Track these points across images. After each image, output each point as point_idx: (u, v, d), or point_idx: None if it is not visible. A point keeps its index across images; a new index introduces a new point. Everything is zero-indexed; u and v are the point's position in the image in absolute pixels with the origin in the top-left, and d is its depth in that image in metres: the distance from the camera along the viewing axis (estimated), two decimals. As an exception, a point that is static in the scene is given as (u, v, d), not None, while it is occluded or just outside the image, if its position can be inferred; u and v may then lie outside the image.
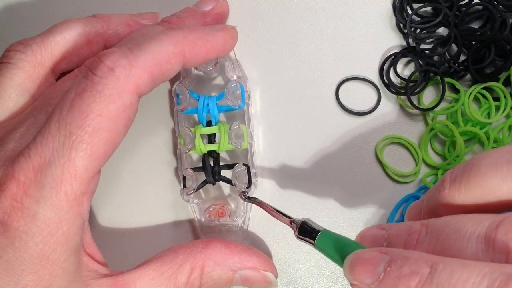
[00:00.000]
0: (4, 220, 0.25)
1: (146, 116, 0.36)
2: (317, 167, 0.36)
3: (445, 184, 0.24)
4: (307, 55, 0.37)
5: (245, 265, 0.31)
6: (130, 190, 0.36)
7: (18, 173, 0.25)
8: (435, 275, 0.20)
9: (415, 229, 0.23)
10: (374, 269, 0.21)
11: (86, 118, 0.25)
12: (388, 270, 0.21)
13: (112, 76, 0.26)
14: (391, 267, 0.21)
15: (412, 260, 0.21)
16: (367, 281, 0.21)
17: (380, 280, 0.21)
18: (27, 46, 0.30)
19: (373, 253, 0.22)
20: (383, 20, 0.37)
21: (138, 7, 0.38)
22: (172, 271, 0.29)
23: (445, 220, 0.23)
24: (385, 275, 0.21)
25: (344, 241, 0.25)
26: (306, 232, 0.26)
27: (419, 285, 0.20)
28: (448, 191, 0.24)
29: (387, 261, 0.21)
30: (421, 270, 0.20)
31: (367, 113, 0.36)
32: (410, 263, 0.21)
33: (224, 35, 0.31)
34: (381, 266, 0.21)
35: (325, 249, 0.25)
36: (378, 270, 0.21)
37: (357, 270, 0.22)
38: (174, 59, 0.28)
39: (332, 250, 0.25)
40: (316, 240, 0.26)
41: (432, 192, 0.25)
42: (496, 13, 0.34)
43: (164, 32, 0.29)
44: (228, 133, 0.33)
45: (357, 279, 0.22)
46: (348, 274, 0.22)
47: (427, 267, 0.20)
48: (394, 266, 0.21)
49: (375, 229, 0.25)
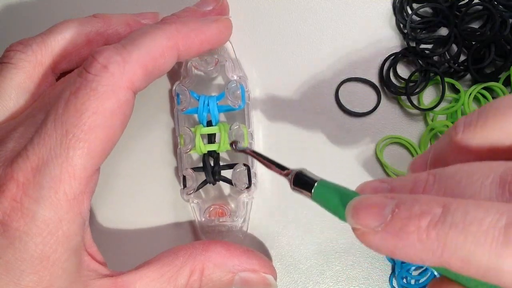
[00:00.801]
0: (4, 220, 0.25)
1: (146, 116, 0.36)
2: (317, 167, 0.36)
3: (458, 128, 0.22)
4: (307, 55, 0.37)
5: (245, 267, 0.30)
6: (130, 190, 0.36)
7: (17, 173, 0.25)
8: (448, 214, 0.18)
9: (421, 178, 0.21)
10: (380, 212, 0.19)
11: (81, 116, 0.25)
12: (396, 212, 0.19)
13: (105, 73, 0.26)
14: (400, 209, 0.19)
15: (423, 201, 0.19)
16: (372, 224, 0.19)
17: (387, 222, 0.19)
18: (27, 46, 0.30)
19: (379, 197, 0.20)
20: (383, 20, 0.37)
21: (138, 7, 0.38)
22: (172, 273, 0.29)
23: (455, 167, 0.21)
24: (393, 217, 0.19)
25: (343, 191, 0.23)
26: (302, 183, 0.24)
27: (432, 224, 0.18)
28: (461, 135, 0.22)
29: (395, 203, 0.19)
30: (433, 210, 0.18)
31: (367, 113, 0.36)
32: (421, 204, 0.19)
33: (218, 26, 0.31)
34: (388, 208, 0.19)
35: (323, 199, 0.23)
36: (385, 212, 0.19)
37: (362, 214, 0.20)
38: (168, 52, 0.28)
39: (331, 200, 0.23)
40: (313, 190, 0.23)
41: (441, 140, 0.24)
42: (496, 13, 0.34)
43: (156, 26, 0.29)
44: (228, 133, 0.33)
45: (361, 222, 0.20)
46: (351, 218, 0.20)
47: (439, 207, 0.18)
48: (403, 208, 0.19)
49: (376, 182, 0.23)
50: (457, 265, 0.18)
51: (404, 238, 0.19)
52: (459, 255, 0.18)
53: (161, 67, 0.28)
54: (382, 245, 0.19)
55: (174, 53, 0.29)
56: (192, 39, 0.29)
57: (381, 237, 0.19)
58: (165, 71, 0.29)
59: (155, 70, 0.28)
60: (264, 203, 0.36)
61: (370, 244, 0.20)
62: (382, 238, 0.19)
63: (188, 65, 0.34)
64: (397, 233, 0.19)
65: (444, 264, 0.18)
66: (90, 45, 0.32)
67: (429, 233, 0.18)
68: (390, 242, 0.19)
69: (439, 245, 0.18)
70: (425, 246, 0.18)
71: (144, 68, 0.27)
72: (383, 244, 0.19)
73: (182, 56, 0.29)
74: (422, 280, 0.35)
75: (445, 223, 0.18)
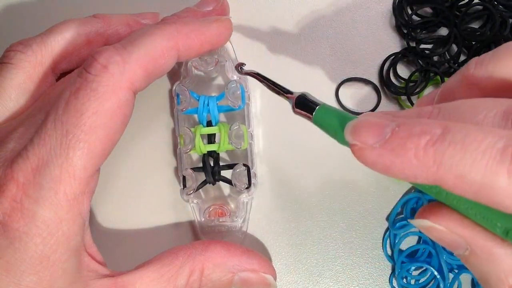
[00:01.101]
0: (4, 221, 0.25)
1: (146, 116, 0.36)
2: (317, 167, 0.36)
3: (470, 65, 0.23)
4: (307, 55, 0.37)
5: (244, 267, 0.31)
6: (130, 190, 0.36)
7: (17, 174, 0.25)
8: (448, 134, 0.18)
9: (425, 110, 0.21)
10: (380, 130, 0.19)
11: (81, 117, 0.25)
12: (396, 130, 0.19)
13: (106, 73, 0.26)
14: (400, 128, 0.19)
15: (424, 122, 0.19)
16: (370, 140, 0.20)
17: (386, 140, 0.19)
18: (27, 46, 0.30)
19: (380, 117, 0.20)
20: (383, 20, 0.37)
21: (138, 7, 0.38)
22: (171, 273, 0.29)
23: (460, 101, 0.21)
24: (392, 135, 0.19)
25: (345, 115, 0.23)
26: (304, 105, 0.24)
27: (430, 142, 0.18)
28: (473, 71, 0.22)
29: (396, 124, 0.19)
30: (433, 130, 0.19)
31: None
32: (422, 125, 0.19)
33: (218, 26, 0.31)
34: (389, 128, 0.19)
35: (324, 122, 0.23)
36: (385, 131, 0.19)
37: (361, 131, 0.20)
38: (168, 53, 0.28)
39: (331, 123, 0.23)
40: (314, 113, 0.24)
41: (452, 78, 0.24)
42: (496, 13, 0.34)
43: (156, 26, 0.29)
44: (228, 133, 0.33)
45: (359, 139, 0.20)
46: (350, 135, 0.20)
47: (440, 128, 0.19)
48: (403, 127, 0.19)
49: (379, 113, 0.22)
50: (451, 182, 0.18)
51: (401, 155, 0.19)
52: (454, 171, 0.18)
53: (161, 67, 0.28)
54: (378, 161, 0.19)
55: (174, 54, 0.29)
56: (192, 40, 0.29)
57: (378, 153, 0.19)
58: (165, 72, 0.29)
59: (155, 71, 0.28)
60: (264, 203, 0.36)
61: (366, 160, 0.20)
62: (379, 154, 0.19)
63: (188, 65, 0.34)
64: (395, 149, 0.19)
65: (438, 181, 0.18)
66: (90, 45, 0.32)
67: (427, 150, 0.18)
68: (387, 158, 0.19)
69: (435, 162, 0.18)
70: (421, 162, 0.18)
71: (144, 69, 0.27)
72: (379, 160, 0.19)
73: (182, 57, 0.29)
74: (422, 280, 0.35)
75: (444, 142, 0.18)
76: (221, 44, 0.32)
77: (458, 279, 0.34)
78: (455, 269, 0.35)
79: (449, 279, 0.34)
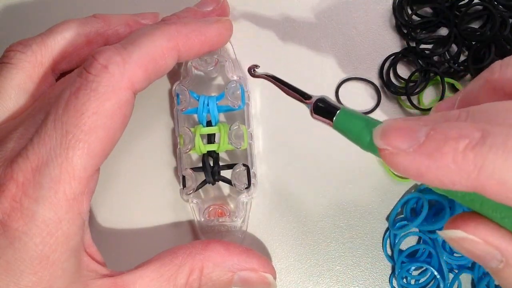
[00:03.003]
0: (4, 220, 0.25)
1: (146, 116, 0.36)
2: (316, 167, 0.36)
3: (494, 69, 0.22)
4: (307, 55, 0.37)
5: (244, 266, 0.30)
6: (130, 190, 0.36)
7: (16, 174, 0.25)
8: (488, 138, 0.17)
9: (452, 114, 0.20)
10: (413, 134, 0.18)
11: (81, 117, 0.25)
12: (431, 133, 0.18)
13: (106, 73, 0.26)
14: (436, 131, 0.18)
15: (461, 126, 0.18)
16: (403, 145, 0.18)
17: (420, 144, 0.18)
18: (27, 46, 0.30)
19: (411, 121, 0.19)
20: (383, 20, 0.37)
21: (138, 7, 0.38)
22: (171, 273, 0.29)
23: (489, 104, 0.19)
24: (427, 138, 0.18)
25: (367, 119, 0.22)
26: (323, 111, 0.23)
27: (470, 146, 0.17)
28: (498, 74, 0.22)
29: (430, 128, 0.18)
30: (471, 134, 0.17)
31: (367, 113, 0.36)
32: (459, 128, 0.18)
33: (219, 27, 0.31)
34: (422, 132, 0.18)
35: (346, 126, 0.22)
36: (418, 135, 0.18)
37: (392, 135, 0.19)
38: (168, 53, 0.28)
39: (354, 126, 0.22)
40: (335, 118, 0.22)
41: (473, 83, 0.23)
42: (496, 13, 0.34)
43: (157, 27, 0.29)
44: (228, 133, 0.33)
45: (390, 143, 0.19)
46: (380, 140, 0.19)
47: (478, 131, 0.17)
48: (439, 131, 0.18)
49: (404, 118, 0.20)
50: (493, 188, 0.17)
51: (438, 159, 0.18)
52: (496, 177, 0.17)
53: (161, 67, 0.28)
54: (411, 166, 0.18)
55: (174, 54, 0.29)
56: (193, 40, 0.29)
57: (412, 158, 0.18)
58: (165, 72, 0.29)
59: (155, 71, 0.28)
60: (264, 203, 0.36)
61: (398, 165, 0.19)
62: (413, 159, 0.18)
63: (188, 65, 0.34)
64: (431, 154, 0.18)
65: (478, 188, 0.18)
66: (90, 46, 0.32)
67: (466, 155, 0.17)
68: (422, 163, 0.18)
69: (475, 167, 0.17)
70: (460, 167, 0.17)
71: (144, 69, 0.27)
72: (412, 165, 0.18)
73: (182, 57, 0.29)
74: (422, 280, 0.35)
75: (484, 145, 0.17)
76: (221, 45, 0.32)
77: (458, 279, 0.34)
78: (455, 269, 0.35)
79: (449, 279, 0.34)
